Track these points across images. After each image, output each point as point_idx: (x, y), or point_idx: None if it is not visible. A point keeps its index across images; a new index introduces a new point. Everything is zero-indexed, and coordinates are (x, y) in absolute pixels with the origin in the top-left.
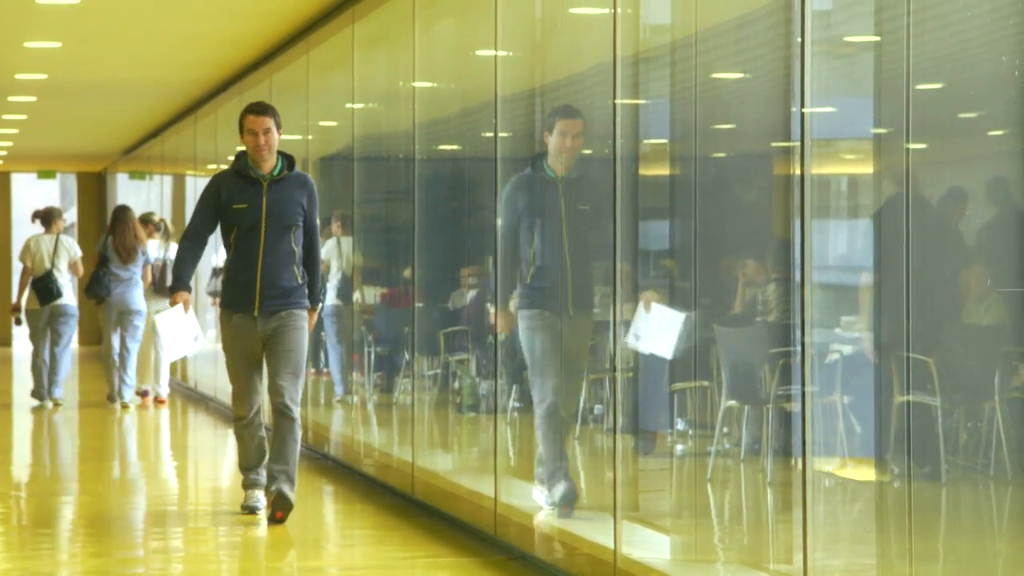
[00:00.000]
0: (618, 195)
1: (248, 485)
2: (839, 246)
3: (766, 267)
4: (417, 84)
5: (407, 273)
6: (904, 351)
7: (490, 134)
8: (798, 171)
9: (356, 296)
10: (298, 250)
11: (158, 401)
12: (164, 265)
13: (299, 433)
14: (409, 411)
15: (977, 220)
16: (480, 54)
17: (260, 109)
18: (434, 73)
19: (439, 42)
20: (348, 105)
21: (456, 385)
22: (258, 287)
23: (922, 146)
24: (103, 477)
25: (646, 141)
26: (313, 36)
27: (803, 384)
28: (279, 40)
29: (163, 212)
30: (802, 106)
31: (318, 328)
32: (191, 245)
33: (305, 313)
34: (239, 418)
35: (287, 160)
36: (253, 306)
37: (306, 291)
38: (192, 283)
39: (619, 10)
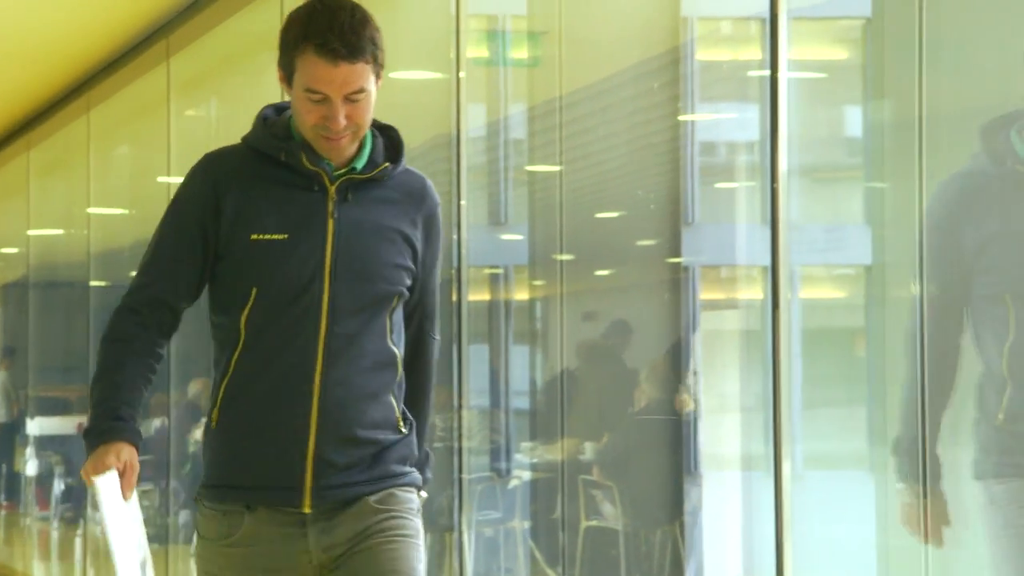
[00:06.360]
0: None
1: None
2: (531, 369)
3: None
4: (92, 210)
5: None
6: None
7: None
8: (455, 297)
9: (32, 428)
10: (399, 351)
11: None
12: None
13: None
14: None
15: (646, 348)
16: (159, 180)
17: (344, 43)
18: (109, 199)
19: (115, 168)
20: (26, 232)
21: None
22: (312, 442)
23: (603, 272)
24: None
25: None
26: None
27: (459, 511)
28: None
29: None
30: (459, 233)
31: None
32: (141, 326)
33: (416, 499)
34: None
35: (387, 139)
36: (300, 491)
37: (415, 446)
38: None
39: None
